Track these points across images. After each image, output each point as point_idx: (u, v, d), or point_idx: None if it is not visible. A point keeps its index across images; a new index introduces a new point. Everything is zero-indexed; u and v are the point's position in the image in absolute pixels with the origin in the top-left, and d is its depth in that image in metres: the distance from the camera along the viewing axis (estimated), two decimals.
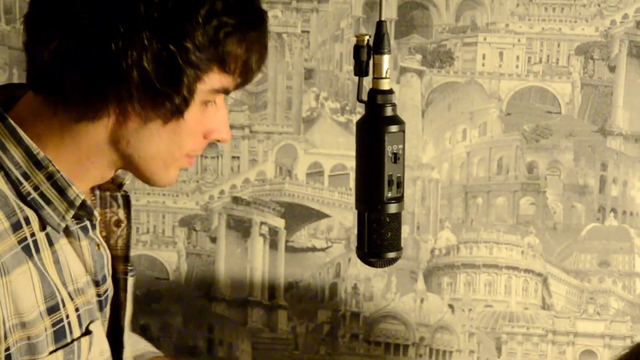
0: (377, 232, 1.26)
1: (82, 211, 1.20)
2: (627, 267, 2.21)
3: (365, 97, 1.26)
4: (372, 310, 2.28)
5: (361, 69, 1.25)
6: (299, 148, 2.30)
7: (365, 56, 1.25)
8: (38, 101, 1.17)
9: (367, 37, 1.25)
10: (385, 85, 1.26)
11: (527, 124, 2.23)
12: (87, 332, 1.22)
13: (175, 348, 2.36)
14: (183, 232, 2.36)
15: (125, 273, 1.32)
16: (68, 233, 1.21)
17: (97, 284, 1.25)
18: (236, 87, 1.20)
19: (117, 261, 1.31)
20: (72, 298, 1.20)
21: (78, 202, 1.18)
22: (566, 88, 2.22)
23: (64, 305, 1.19)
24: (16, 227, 1.14)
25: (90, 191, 1.28)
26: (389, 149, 1.23)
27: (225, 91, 1.19)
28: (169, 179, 1.23)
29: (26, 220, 1.15)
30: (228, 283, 2.34)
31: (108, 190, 1.30)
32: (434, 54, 2.23)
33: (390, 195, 1.24)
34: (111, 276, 1.30)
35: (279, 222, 2.31)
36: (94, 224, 1.23)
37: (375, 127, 1.24)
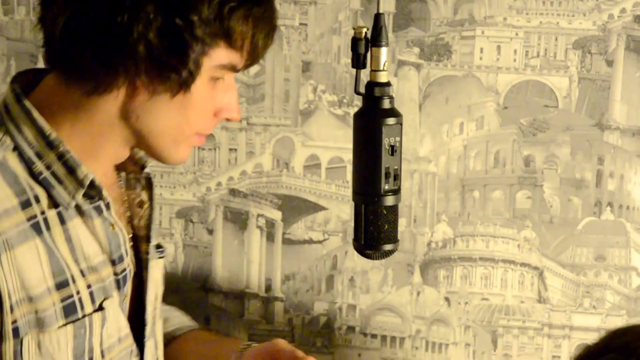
0: (374, 224, 1.26)
1: (93, 191, 1.22)
2: (623, 261, 2.21)
3: (362, 90, 1.27)
4: (369, 302, 2.28)
5: (359, 61, 1.26)
6: (296, 140, 2.30)
7: (363, 48, 1.25)
8: (54, 80, 1.21)
9: (365, 30, 1.25)
10: (382, 77, 1.26)
11: (525, 118, 2.22)
12: (100, 309, 1.25)
13: None
14: (180, 224, 2.36)
15: (147, 253, 1.35)
16: (82, 213, 1.23)
17: (114, 263, 1.27)
18: (245, 66, 1.22)
19: (140, 241, 1.35)
20: (84, 275, 1.23)
21: (87, 182, 1.21)
22: (563, 82, 2.22)
23: (74, 281, 1.21)
24: (25, 205, 1.18)
25: (117, 174, 1.33)
26: (386, 141, 1.24)
27: (233, 68, 1.21)
28: (180, 156, 1.25)
29: (36, 198, 1.19)
30: (225, 275, 2.34)
31: (133, 172, 1.34)
32: (432, 47, 2.23)
33: (387, 187, 1.25)
34: (135, 255, 1.33)
35: (276, 215, 2.31)
36: (108, 204, 1.25)
37: (372, 120, 1.25)
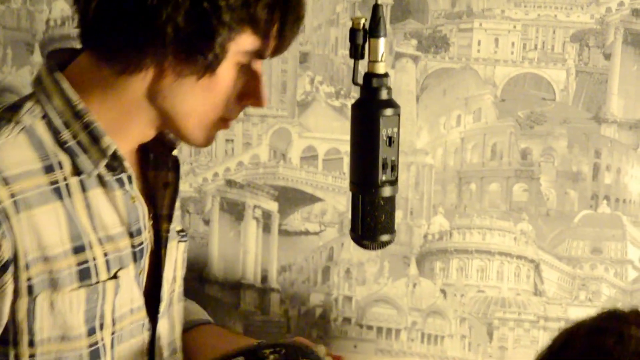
0: (371, 215, 1.26)
1: (116, 162, 1.26)
2: (620, 255, 2.22)
3: (360, 81, 1.26)
4: (365, 294, 2.28)
5: (357, 52, 1.26)
6: (293, 132, 2.29)
7: (360, 39, 1.25)
8: (86, 58, 1.25)
9: (363, 20, 1.25)
10: (380, 68, 1.26)
11: (522, 111, 2.22)
12: (115, 277, 1.28)
13: None
14: None
15: (167, 231, 1.39)
16: (104, 184, 1.27)
17: (132, 235, 1.31)
18: (273, 53, 1.27)
19: (162, 219, 1.39)
20: (102, 243, 1.27)
21: (110, 152, 1.24)
22: (561, 75, 2.22)
23: (91, 247, 1.25)
24: (49, 170, 1.22)
25: (144, 155, 1.37)
26: (384, 132, 1.24)
27: (259, 55, 1.25)
28: (205, 139, 1.29)
29: (60, 165, 1.23)
30: (221, 266, 2.34)
31: (162, 153, 1.38)
32: (430, 40, 2.23)
33: (384, 178, 1.25)
34: (155, 233, 1.38)
35: (273, 206, 2.31)
36: (130, 177, 1.29)
37: (370, 110, 1.25)
